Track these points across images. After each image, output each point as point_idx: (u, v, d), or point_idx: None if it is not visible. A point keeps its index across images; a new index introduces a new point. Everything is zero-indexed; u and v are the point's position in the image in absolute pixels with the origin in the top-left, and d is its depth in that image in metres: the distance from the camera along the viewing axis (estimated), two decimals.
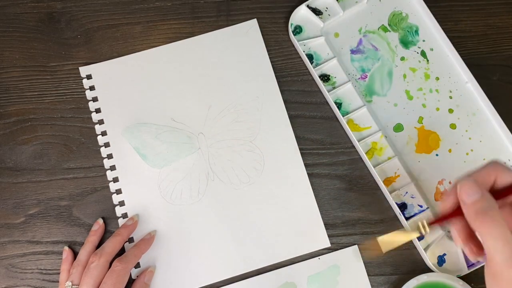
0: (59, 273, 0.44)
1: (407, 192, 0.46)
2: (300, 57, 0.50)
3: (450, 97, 0.49)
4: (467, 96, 0.48)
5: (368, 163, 0.46)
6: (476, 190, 0.27)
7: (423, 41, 0.50)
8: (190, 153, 0.47)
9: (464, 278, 0.43)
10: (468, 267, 0.43)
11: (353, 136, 0.46)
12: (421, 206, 0.46)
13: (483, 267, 0.29)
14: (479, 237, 0.27)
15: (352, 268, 0.45)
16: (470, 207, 0.27)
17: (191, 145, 0.47)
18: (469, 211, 0.27)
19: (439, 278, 0.43)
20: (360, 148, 0.46)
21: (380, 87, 0.49)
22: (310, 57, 0.49)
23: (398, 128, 0.48)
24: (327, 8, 0.50)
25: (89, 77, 0.49)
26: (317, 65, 0.49)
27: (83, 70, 0.49)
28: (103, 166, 0.47)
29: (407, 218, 0.45)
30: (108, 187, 0.46)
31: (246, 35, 0.50)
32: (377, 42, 0.50)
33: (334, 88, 0.48)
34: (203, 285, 0.44)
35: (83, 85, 0.49)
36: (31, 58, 0.49)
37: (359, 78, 0.49)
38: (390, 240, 0.34)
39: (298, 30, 0.50)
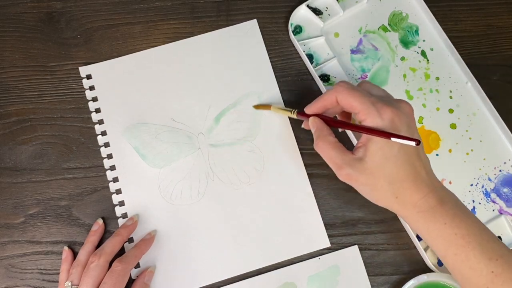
0: (58, 273, 0.44)
1: None
2: (300, 57, 0.50)
3: (450, 97, 0.49)
4: (467, 96, 0.49)
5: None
6: (312, 125, 0.41)
7: (423, 41, 0.50)
8: (190, 153, 0.47)
9: None
10: None
11: (353, 136, 0.46)
12: None
13: None
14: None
15: (352, 268, 0.45)
16: (313, 133, 0.41)
17: (191, 145, 0.47)
18: (314, 135, 0.41)
19: (439, 278, 0.43)
20: None
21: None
22: (310, 57, 0.49)
23: None
24: (327, 8, 0.50)
25: (89, 77, 0.49)
26: (317, 65, 0.49)
27: (83, 70, 0.49)
28: (103, 166, 0.47)
29: None
30: (108, 187, 0.46)
31: (246, 35, 0.50)
32: (377, 42, 0.50)
33: None
34: (203, 285, 0.44)
35: (83, 85, 0.49)
36: (31, 58, 0.49)
37: (359, 78, 0.49)
38: (277, 110, 0.46)
39: (298, 30, 0.50)
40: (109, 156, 0.47)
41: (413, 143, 0.34)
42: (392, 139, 0.35)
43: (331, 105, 0.40)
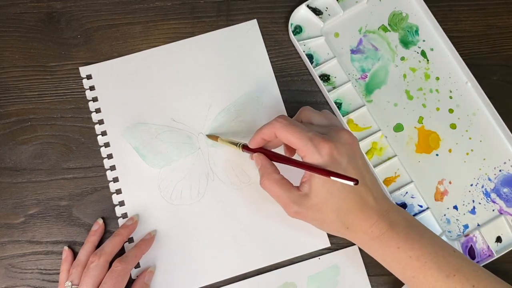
0: (59, 273, 0.44)
1: (407, 192, 0.46)
2: (300, 57, 0.50)
3: (450, 97, 0.49)
4: (467, 96, 0.49)
5: (368, 163, 0.46)
6: (256, 162, 0.41)
7: (423, 41, 0.50)
8: (190, 153, 0.47)
9: None
10: None
11: None
12: (421, 206, 0.46)
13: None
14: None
15: (352, 268, 0.45)
16: (258, 170, 0.40)
17: (191, 145, 0.47)
18: (259, 172, 0.40)
19: None
20: None
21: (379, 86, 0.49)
22: (310, 57, 0.49)
23: (398, 128, 0.48)
24: (327, 8, 0.50)
25: (89, 77, 0.49)
26: (317, 65, 0.49)
27: (83, 70, 0.49)
28: (103, 166, 0.47)
29: None
30: (108, 187, 0.46)
31: (246, 35, 0.50)
32: (377, 42, 0.50)
33: (334, 88, 0.48)
34: (203, 285, 0.44)
35: (83, 85, 0.49)
36: (31, 58, 0.49)
37: (359, 78, 0.49)
38: (224, 142, 0.45)
39: (298, 30, 0.50)
40: (109, 156, 0.47)
41: (351, 183, 0.34)
42: (332, 178, 0.35)
43: (271, 138, 0.39)
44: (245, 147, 0.42)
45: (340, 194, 0.37)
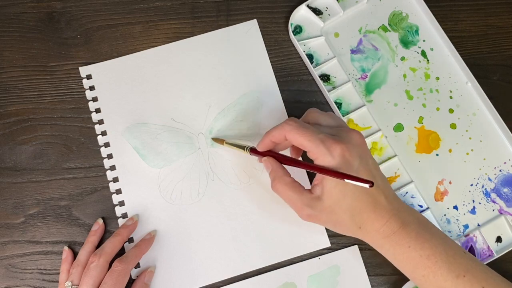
0: (59, 273, 0.44)
1: (407, 192, 0.46)
2: (300, 57, 0.50)
3: (450, 97, 0.49)
4: (467, 96, 0.49)
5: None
6: (266, 166, 0.41)
7: (423, 41, 0.50)
8: (190, 153, 0.47)
9: None
10: None
11: None
12: (421, 206, 0.46)
13: None
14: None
15: (352, 268, 0.45)
16: (269, 174, 0.40)
17: (191, 145, 0.47)
18: (270, 176, 0.40)
19: None
20: None
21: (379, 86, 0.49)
22: (310, 57, 0.49)
23: (398, 128, 0.48)
24: (327, 8, 0.50)
25: (89, 77, 0.49)
26: (317, 65, 0.49)
27: (83, 70, 0.49)
28: (103, 166, 0.47)
29: None
30: (108, 187, 0.46)
31: (246, 35, 0.50)
32: (377, 42, 0.50)
33: (334, 88, 0.48)
34: (203, 285, 0.44)
35: (83, 85, 0.49)
36: (31, 58, 0.49)
37: (359, 78, 0.49)
38: (230, 146, 0.45)
39: (298, 30, 0.50)
40: (109, 156, 0.47)
41: (366, 185, 0.34)
42: (346, 180, 0.35)
43: (280, 141, 0.39)
44: (252, 150, 0.42)
45: (353, 195, 0.37)
